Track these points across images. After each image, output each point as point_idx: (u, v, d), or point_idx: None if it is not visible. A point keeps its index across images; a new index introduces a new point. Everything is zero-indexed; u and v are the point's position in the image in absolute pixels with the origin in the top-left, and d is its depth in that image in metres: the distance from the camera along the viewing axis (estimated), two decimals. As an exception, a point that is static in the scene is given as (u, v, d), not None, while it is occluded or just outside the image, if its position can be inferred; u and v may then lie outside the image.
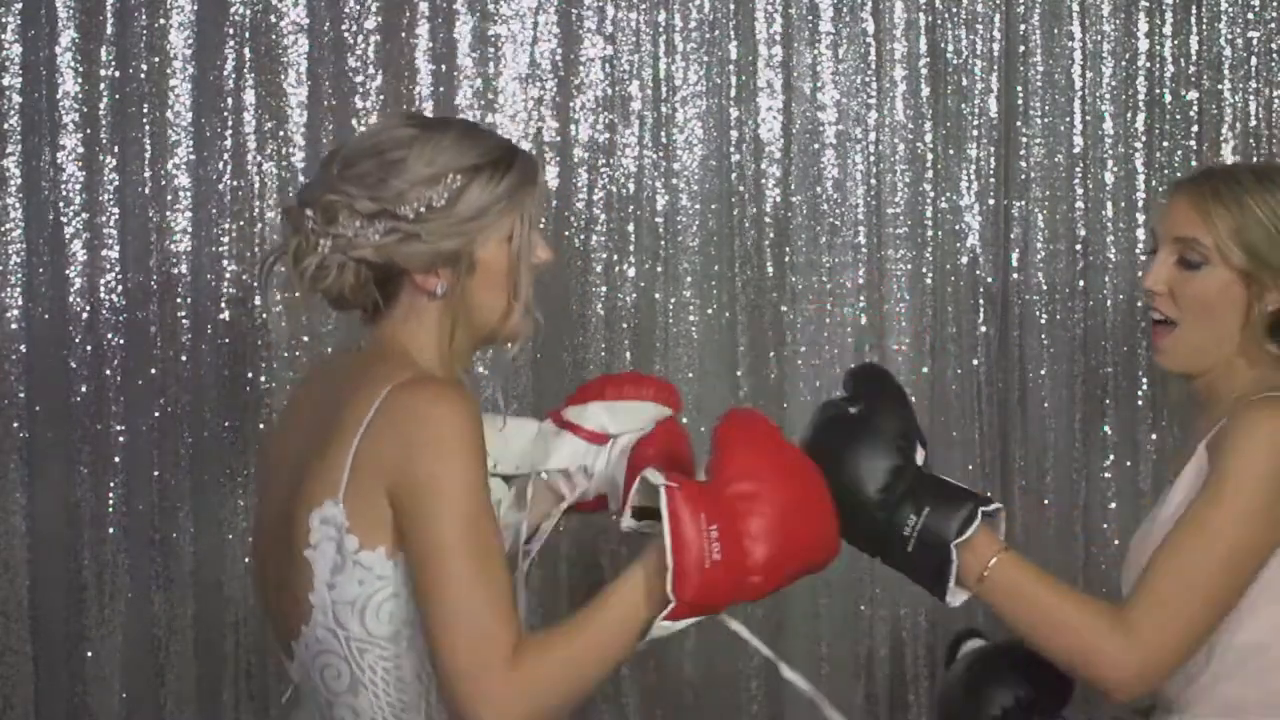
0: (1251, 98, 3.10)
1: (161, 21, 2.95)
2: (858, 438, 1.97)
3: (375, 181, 1.88)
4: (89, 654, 2.97)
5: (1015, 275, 3.09)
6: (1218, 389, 2.10)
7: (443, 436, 1.78)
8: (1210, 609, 1.96)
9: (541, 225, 1.96)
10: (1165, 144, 3.10)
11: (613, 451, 2.23)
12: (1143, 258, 2.13)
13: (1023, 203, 3.08)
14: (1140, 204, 3.10)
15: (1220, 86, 3.09)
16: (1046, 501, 3.13)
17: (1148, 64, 3.09)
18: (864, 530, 1.97)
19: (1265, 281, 2.04)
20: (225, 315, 2.98)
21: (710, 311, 3.06)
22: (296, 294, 1.96)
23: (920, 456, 1.99)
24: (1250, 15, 3.08)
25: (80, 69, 2.94)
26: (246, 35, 2.97)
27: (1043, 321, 3.08)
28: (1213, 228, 2.05)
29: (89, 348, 2.96)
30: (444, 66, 3.00)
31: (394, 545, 1.80)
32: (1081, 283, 3.09)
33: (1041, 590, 1.96)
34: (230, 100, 2.97)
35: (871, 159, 3.07)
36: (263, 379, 2.99)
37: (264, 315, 2.98)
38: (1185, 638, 1.96)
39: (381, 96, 2.99)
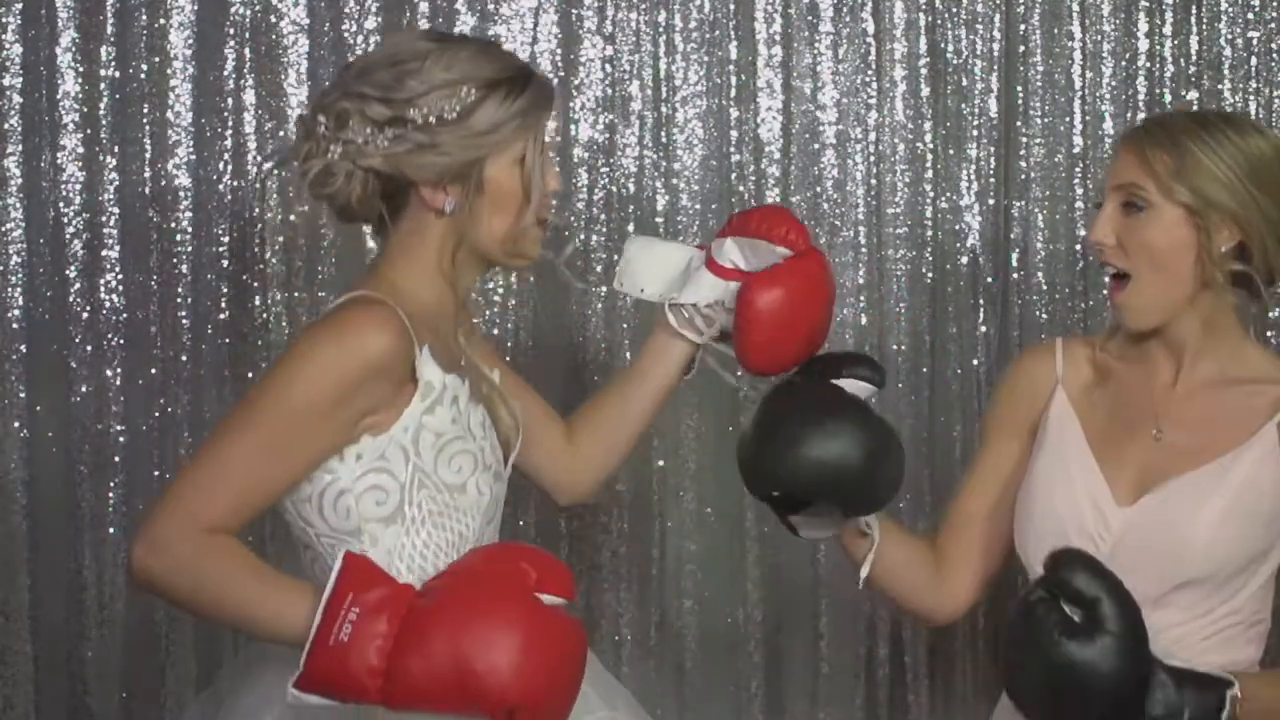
0: (1251, 98, 3.09)
1: (161, 21, 2.95)
2: (1096, 653, 1.86)
3: (390, 84, 1.87)
4: (89, 654, 2.98)
5: (1015, 275, 3.09)
6: (1195, 337, 2.11)
7: (332, 334, 1.81)
8: None
9: (555, 156, 1.96)
10: (1165, 144, 3.09)
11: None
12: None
13: (1023, 203, 3.08)
14: (1140, 204, 3.10)
15: (1220, 86, 3.09)
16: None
17: (1148, 64, 3.09)
18: None
19: (1212, 220, 2.05)
20: (225, 315, 2.98)
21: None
22: (296, 295, 1.97)
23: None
24: (1250, 15, 3.08)
25: (80, 69, 2.94)
26: (246, 35, 2.97)
27: (1043, 321, 3.08)
28: (1152, 171, 2.05)
29: (89, 348, 2.96)
30: (444, 66, 3.00)
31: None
32: (1081, 283, 3.09)
33: (1275, 688, 2.00)
34: (230, 100, 2.97)
35: (871, 159, 3.07)
36: (263, 379, 2.99)
37: (264, 315, 2.98)
38: None
39: (381, 96, 2.98)
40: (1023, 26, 3.07)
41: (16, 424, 2.94)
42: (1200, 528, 2.05)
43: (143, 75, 2.95)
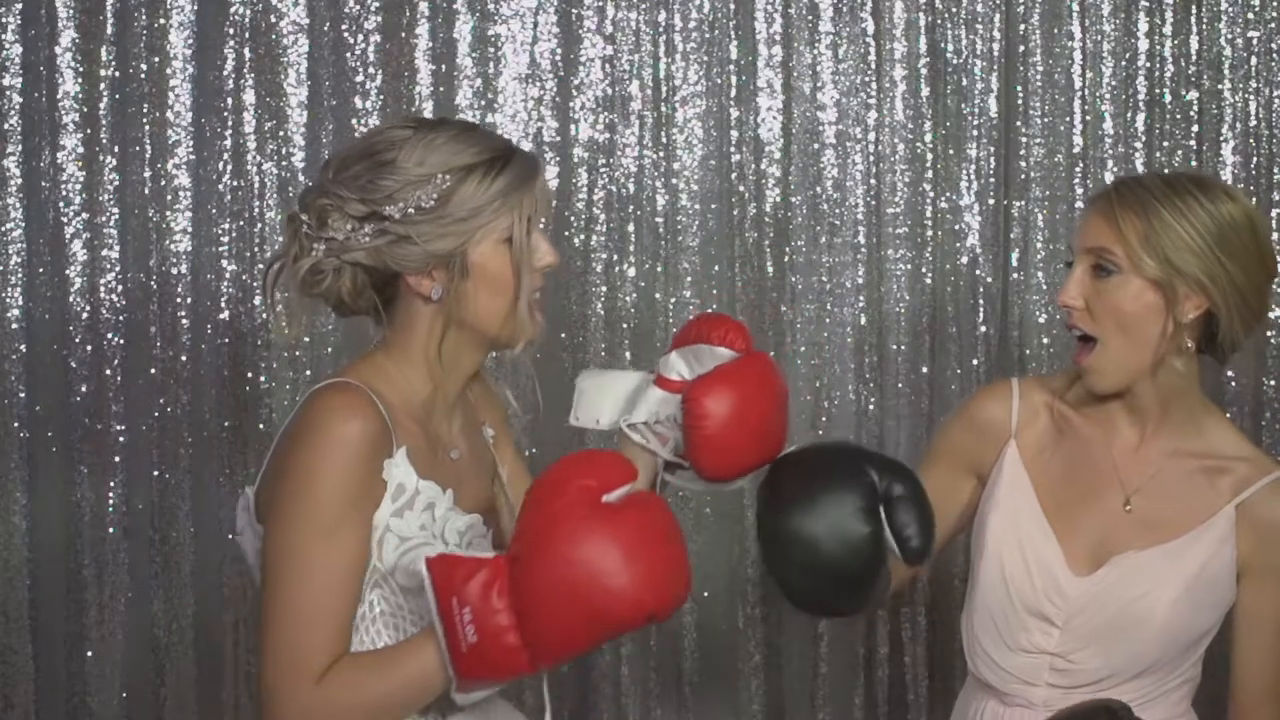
0: (1251, 98, 3.09)
1: (161, 21, 2.95)
2: None
3: (365, 183, 1.86)
4: (89, 654, 2.98)
5: (1015, 275, 3.08)
6: (1157, 402, 2.12)
7: (311, 449, 1.79)
8: None
9: (545, 227, 1.93)
10: (1165, 144, 3.10)
11: None
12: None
13: (1023, 203, 3.08)
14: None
15: (1220, 86, 3.09)
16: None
17: (1148, 64, 3.09)
18: None
19: (1180, 290, 2.04)
20: (225, 315, 2.98)
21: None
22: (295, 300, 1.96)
23: None
24: (1250, 15, 3.08)
25: (80, 69, 2.94)
26: (246, 35, 2.97)
27: (1042, 321, 3.08)
28: (1122, 236, 2.04)
29: (89, 348, 2.96)
30: (444, 66, 3.00)
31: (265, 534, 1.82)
32: (1081, 283, 3.08)
33: None
34: (230, 100, 2.97)
35: (871, 159, 3.07)
36: (263, 379, 2.99)
37: (264, 315, 2.98)
38: None
39: (381, 96, 2.99)
40: (1023, 26, 3.07)
41: (16, 424, 2.94)
42: (1158, 607, 2.07)
43: (142, 75, 2.95)
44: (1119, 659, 2.09)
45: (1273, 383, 3.10)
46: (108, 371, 2.96)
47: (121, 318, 2.96)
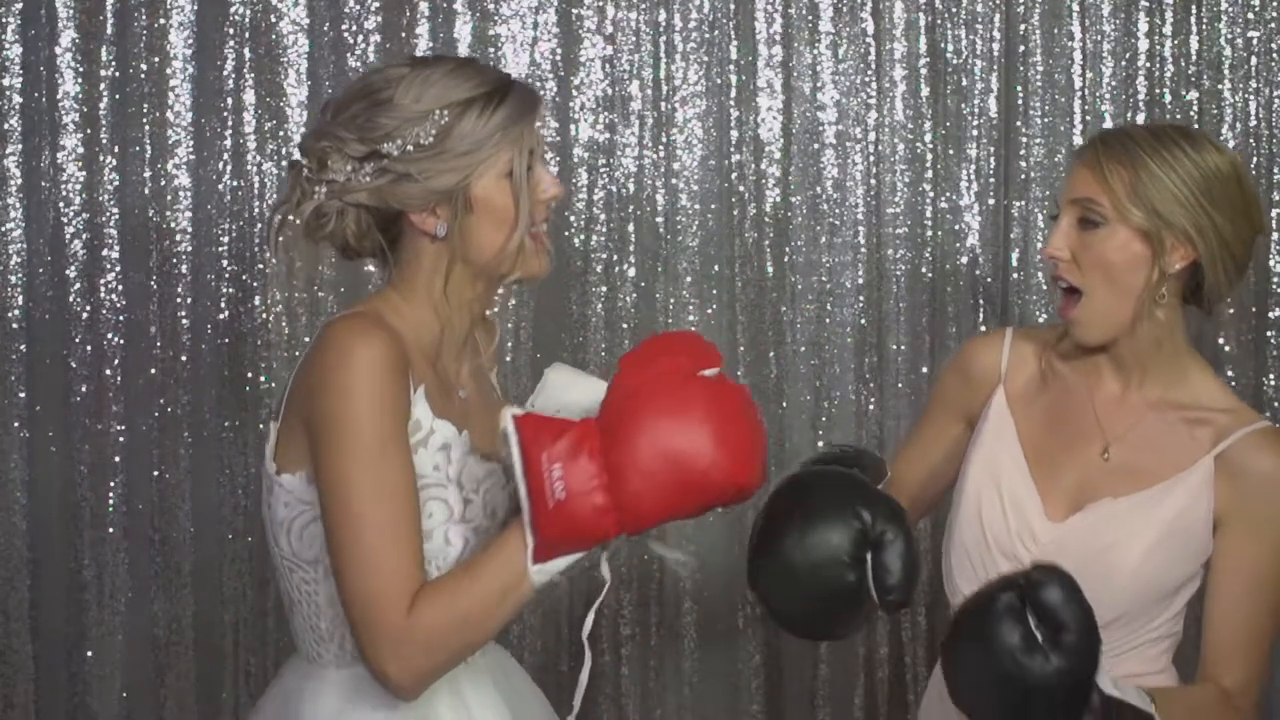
0: (1251, 98, 3.09)
1: (161, 21, 2.95)
2: (1043, 680, 1.83)
3: (364, 123, 1.85)
4: (89, 654, 2.98)
5: (1015, 275, 3.08)
6: (1141, 354, 2.11)
7: (343, 370, 1.76)
8: (1271, 641, 2.08)
9: (552, 162, 1.91)
10: (1165, 144, 3.09)
11: None
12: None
13: (1023, 203, 3.08)
14: (1140, 204, 3.10)
15: (1220, 86, 3.09)
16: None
17: (1148, 64, 3.09)
18: None
19: (1166, 240, 2.04)
20: (225, 315, 2.98)
21: (710, 311, 3.06)
22: (296, 295, 1.95)
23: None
24: (1250, 15, 3.08)
25: (80, 69, 2.94)
26: (246, 35, 2.97)
27: (1042, 321, 3.08)
28: (1108, 187, 2.04)
29: (89, 348, 2.96)
30: (444, 66, 3.00)
31: (315, 471, 1.79)
32: (1081, 283, 3.09)
33: (1183, 709, 2.00)
34: (230, 100, 2.97)
35: (871, 159, 3.07)
36: (263, 379, 2.99)
37: (264, 315, 2.98)
38: (1263, 676, 2.08)
39: (381, 96, 2.98)
40: (1023, 26, 3.07)
41: (16, 424, 2.95)
42: (1129, 555, 2.06)
43: (143, 75, 2.95)
44: (1096, 610, 2.08)
45: (1273, 382, 3.10)
46: (108, 371, 2.96)
47: (121, 318, 2.96)
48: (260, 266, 2.97)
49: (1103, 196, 2.04)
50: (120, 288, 2.96)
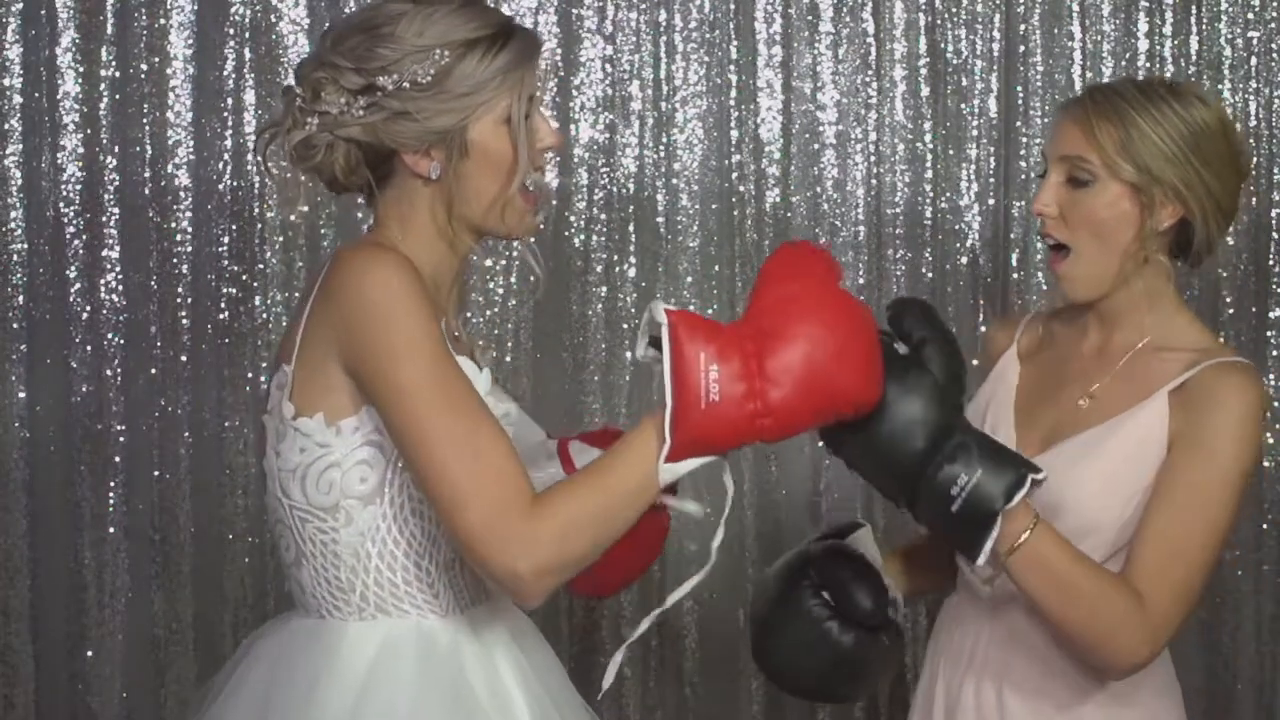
0: (1251, 98, 3.09)
1: (161, 21, 2.95)
2: (907, 384, 1.83)
3: (362, 53, 1.79)
4: (89, 654, 2.98)
5: (1015, 275, 3.08)
6: (1125, 309, 2.10)
7: (377, 300, 1.70)
8: (1204, 577, 1.98)
9: (549, 111, 1.87)
10: (1165, 144, 3.10)
11: None
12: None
13: (1023, 203, 3.08)
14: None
15: (1220, 86, 3.09)
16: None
17: (1148, 64, 3.09)
18: (906, 483, 1.86)
19: (1155, 196, 2.03)
20: (225, 315, 2.98)
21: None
22: (296, 295, 1.92)
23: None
24: (1250, 15, 3.08)
25: (80, 69, 2.94)
26: (246, 35, 2.97)
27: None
28: (1098, 144, 2.03)
29: (89, 348, 2.96)
30: (444, 66, 3.00)
31: (335, 413, 1.74)
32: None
33: (1068, 564, 1.91)
34: (230, 100, 2.97)
35: (872, 159, 3.07)
36: (263, 379, 2.99)
37: (264, 315, 2.98)
38: (1187, 606, 1.96)
39: (381, 96, 2.98)
40: (1023, 26, 3.07)
41: (16, 424, 2.94)
42: (1082, 485, 2.03)
43: (143, 75, 2.95)
44: None
45: (1273, 382, 3.10)
46: (107, 372, 2.96)
47: (121, 318, 2.96)
48: (260, 266, 2.97)
49: (1092, 154, 2.04)
50: (120, 288, 2.96)
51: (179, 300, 2.97)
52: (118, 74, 2.95)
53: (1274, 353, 3.10)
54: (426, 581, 1.82)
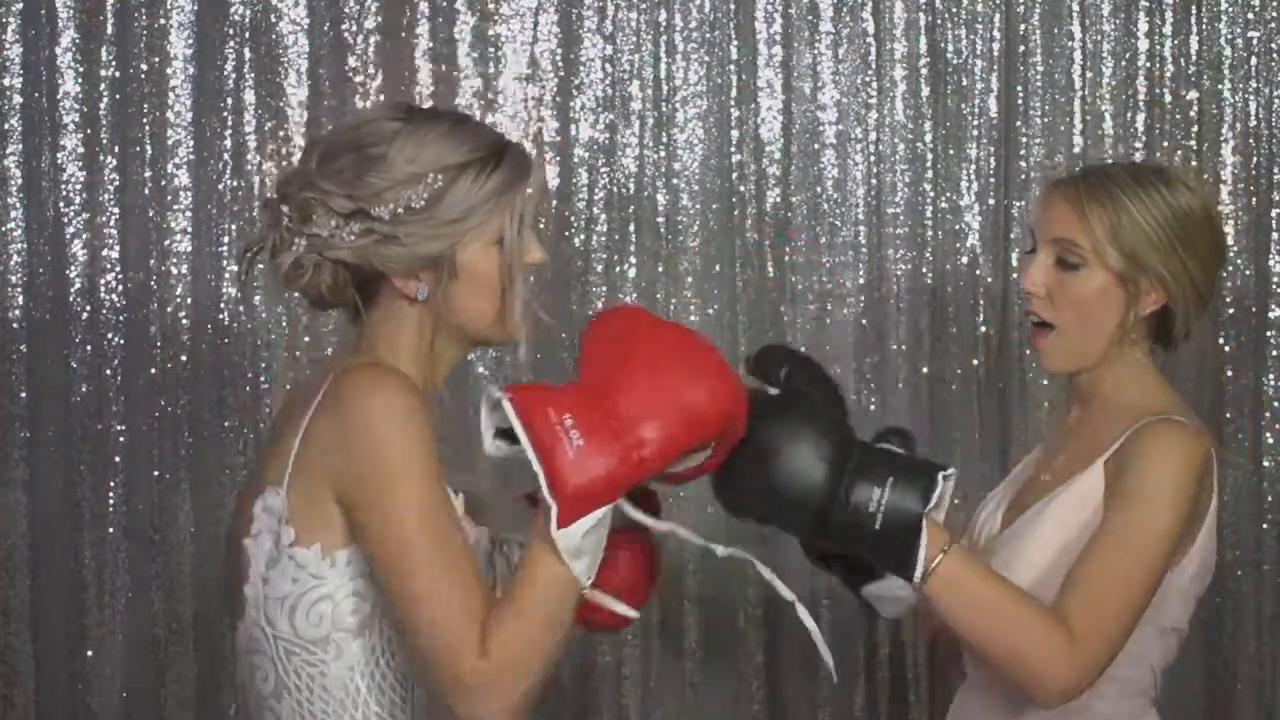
0: (1251, 98, 3.09)
1: (161, 21, 2.95)
2: (789, 421, 1.80)
3: (352, 178, 1.76)
4: (89, 654, 2.97)
5: (1015, 275, 3.08)
6: (1100, 388, 2.12)
7: (380, 425, 1.68)
8: (1134, 617, 1.96)
9: (540, 224, 1.86)
10: (1165, 144, 3.10)
11: None
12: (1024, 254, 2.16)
13: (1023, 203, 3.08)
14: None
15: (1220, 86, 3.09)
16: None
17: (1148, 64, 3.09)
18: (823, 518, 1.80)
19: (1142, 285, 2.05)
20: (225, 316, 2.98)
21: (710, 311, 3.06)
22: (295, 296, 1.91)
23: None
24: (1250, 15, 3.08)
25: (80, 69, 2.94)
26: (246, 35, 2.97)
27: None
28: (1089, 229, 2.05)
29: (89, 348, 2.96)
30: (444, 66, 3.00)
31: (331, 544, 1.72)
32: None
33: (990, 585, 1.88)
34: (230, 100, 2.97)
35: (871, 159, 3.07)
36: (263, 379, 2.99)
37: (264, 315, 2.98)
38: (1116, 644, 1.94)
39: (381, 96, 2.98)
40: (1023, 26, 3.07)
41: (16, 424, 2.94)
42: (1026, 554, 2.05)
43: (143, 75, 2.95)
44: None
45: (1273, 382, 3.10)
46: (108, 372, 2.96)
47: (121, 318, 2.96)
48: (261, 267, 2.96)
49: (1083, 238, 2.05)
50: (120, 288, 2.96)
51: (179, 300, 2.97)
52: (118, 74, 2.94)
53: (1274, 353, 3.10)
54: (416, 713, 1.80)
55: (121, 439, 2.97)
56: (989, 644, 1.90)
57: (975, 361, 3.11)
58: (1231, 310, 3.08)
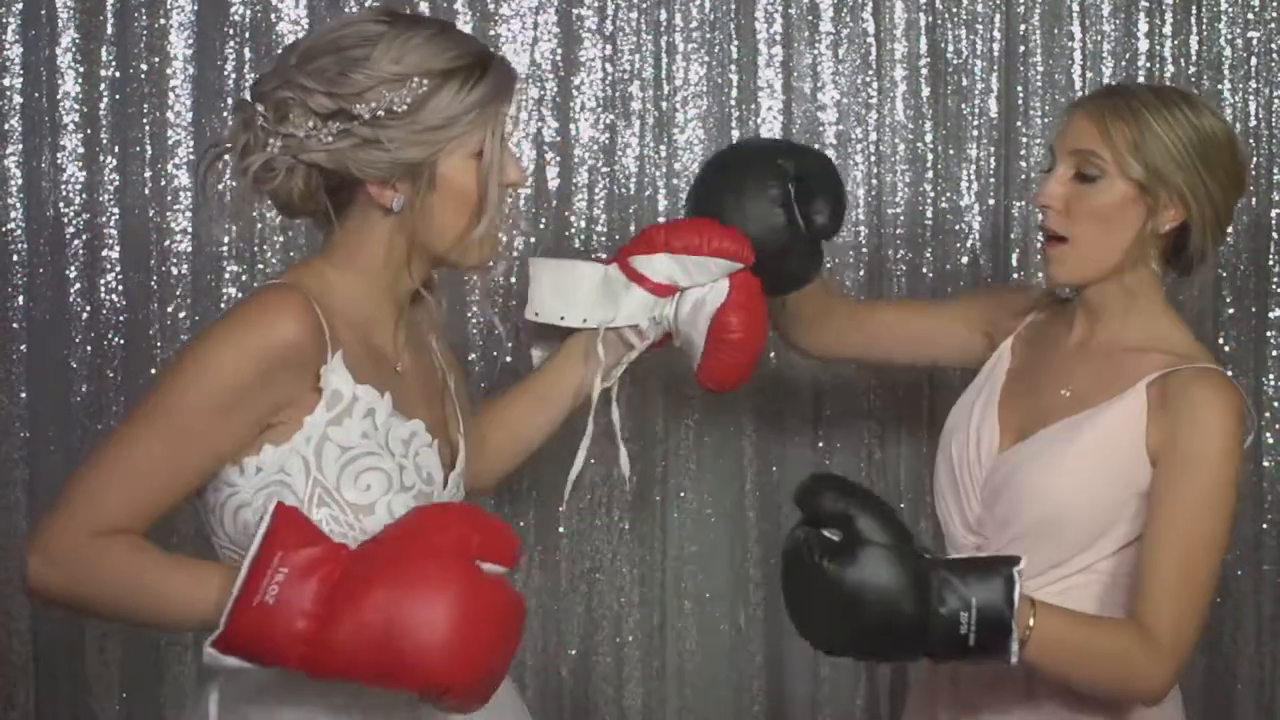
0: (1251, 98, 3.09)
1: (161, 21, 2.95)
2: (863, 567, 1.83)
3: (334, 76, 1.73)
4: (89, 654, 2.97)
5: (1015, 275, 3.08)
6: (1110, 304, 2.14)
7: (223, 320, 1.74)
8: (1211, 592, 2.01)
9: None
10: (1165, 144, 3.09)
11: (683, 302, 2.17)
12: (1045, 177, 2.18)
13: (1023, 203, 3.08)
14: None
15: (1220, 86, 3.09)
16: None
17: (1148, 64, 3.09)
18: (915, 645, 1.86)
19: (1161, 199, 2.06)
20: (225, 315, 2.98)
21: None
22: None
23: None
24: (1250, 15, 3.08)
25: (80, 69, 2.94)
26: (246, 35, 2.97)
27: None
28: (1110, 141, 2.06)
29: (89, 348, 2.96)
30: (444, 66, 3.00)
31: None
32: (1081, 283, 3.08)
33: (1078, 630, 1.93)
34: (230, 100, 2.96)
35: (872, 159, 3.07)
36: (263, 379, 2.98)
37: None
38: (1197, 627, 1.99)
39: (382, 96, 2.98)
40: (1023, 26, 3.07)
41: (16, 424, 2.94)
42: (1055, 476, 2.06)
43: (143, 75, 2.95)
44: (1016, 529, 2.09)
45: (1273, 382, 3.10)
46: (108, 372, 2.96)
47: (121, 318, 2.96)
48: (260, 266, 2.96)
49: (1104, 149, 2.06)
50: (120, 288, 2.96)
51: (179, 300, 2.97)
52: (118, 74, 2.94)
53: (1274, 353, 3.10)
54: None
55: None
56: (1087, 680, 1.96)
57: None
58: (1231, 310, 3.08)
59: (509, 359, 2.96)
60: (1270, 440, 3.11)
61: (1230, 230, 2.21)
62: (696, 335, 2.16)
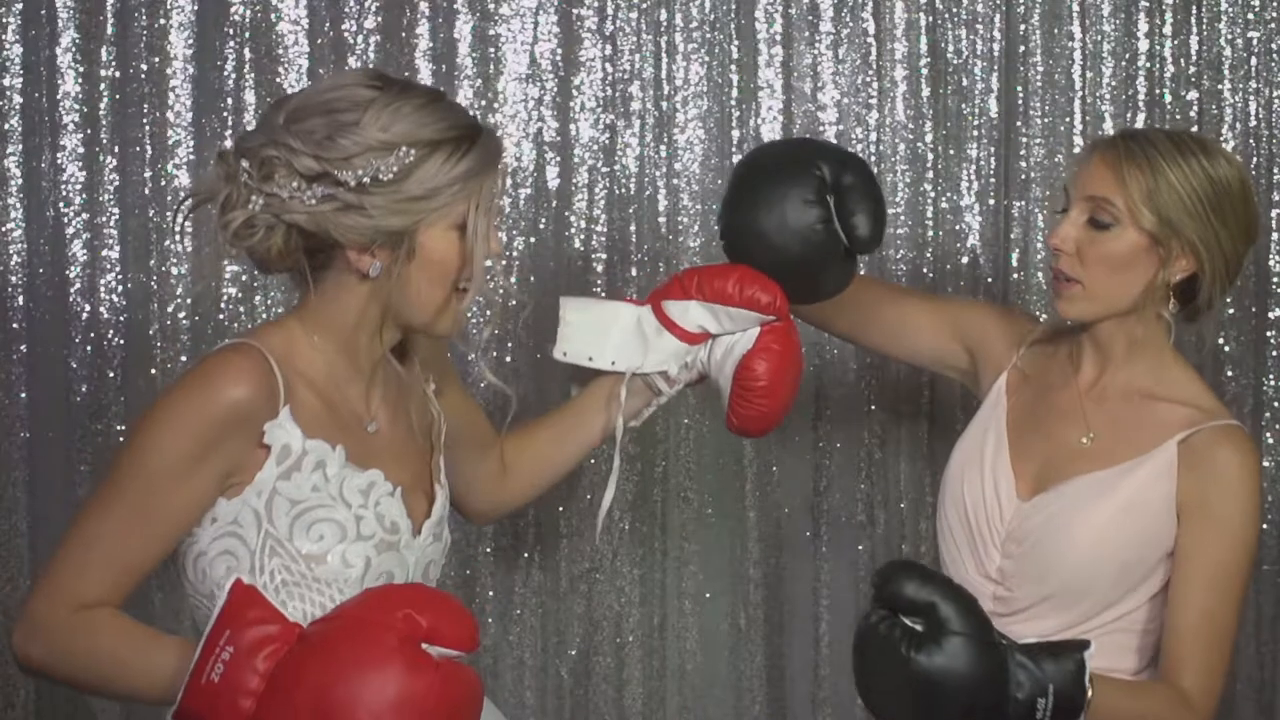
0: (1251, 98, 3.09)
1: (161, 21, 2.95)
2: (950, 657, 1.87)
3: (322, 140, 1.74)
4: (89, 654, 2.97)
5: (1015, 275, 3.08)
6: (1117, 344, 2.14)
7: (176, 386, 1.77)
8: (1231, 646, 2.08)
9: (499, 218, 1.85)
10: (1165, 144, 3.09)
11: (715, 346, 2.16)
12: (1058, 216, 2.18)
13: (1023, 203, 3.08)
14: (1140, 204, 3.10)
15: (1220, 86, 3.09)
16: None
17: (1148, 64, 3.09)
18: None
19: (1173, 249, 2.06)
20: (225, 316, 2.98)
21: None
22: (295, 296, 1.89)
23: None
24: (1250, 15, 3.08)
25: (80, 69, 2.94)
26: (246, 35, 2.96)
27: (1042, 321, 3.08)
28: (1125, 189, 2.06)
29: (89, 348, 2.96)
30: (444, 66, 3.00)
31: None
32: (1081, 283, 3.08)
33: (1126, 699, 2.00)
34: (230, 100, 2.97)
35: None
36: (263, 379, 2.98)
37: (264, 315, 2.98)
38: (1222, 684, 2.06)
39: (382, 96, 2.98)
40: (1023, 26, 3.07)
41: (16, 424, 2.94)
42: (1085, 531, 2.08)
43: (143, 75, 2.95)
44: (1048, 586, 2.11)
45: (1273, 382, 3.10)
46: (109, 372, 2.96)
47: (121, 318, 2.96)
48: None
49: (1118, 197, 2.06)
50: (120, 288, 2.96)
51: (179, 300, 2.97)
52: (118, 74, 2.94)
53: (1274, 353, 3.10)
54: None
55: (122, 439, 2.96)
56: None
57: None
58: (1231, 310, 3.08)
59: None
60: (1270, 440, 3.10)
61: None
62: (724, 381, 2.16)
